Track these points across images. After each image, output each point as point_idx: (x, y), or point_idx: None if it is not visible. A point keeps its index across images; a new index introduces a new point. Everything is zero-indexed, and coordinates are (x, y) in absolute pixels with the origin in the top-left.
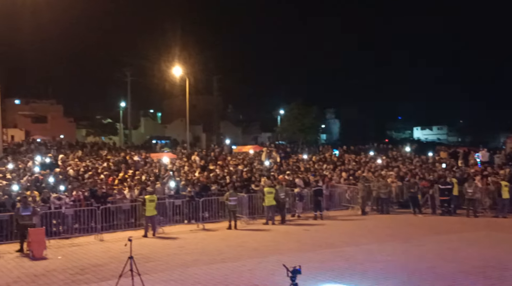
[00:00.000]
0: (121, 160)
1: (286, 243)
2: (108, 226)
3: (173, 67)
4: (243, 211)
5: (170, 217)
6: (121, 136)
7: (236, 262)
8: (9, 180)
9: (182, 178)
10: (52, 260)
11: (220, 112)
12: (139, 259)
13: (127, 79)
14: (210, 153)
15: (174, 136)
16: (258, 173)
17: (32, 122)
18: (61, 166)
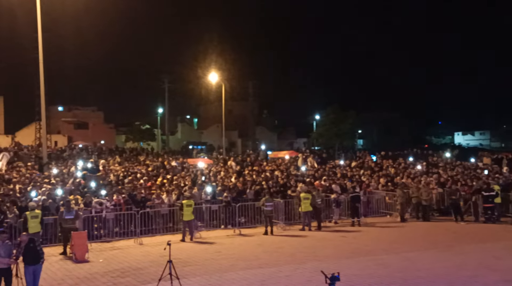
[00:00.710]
0: (159, 165)
1: (323, 250)
2: (147, 230)
3: (209, 73)
4: (279, 217)
5: (207, 222)
6: (158, 142)
7: (272, 268)
8: (53, 185)
9: (218, 183)
10: (94, 263)
11: (255, 118)
12: (177, 263)
13: (165, 86)
14: (246, 158)
15: (210, 142)
16: (294, 179)
17: (74, 129)
18: (102, 171)
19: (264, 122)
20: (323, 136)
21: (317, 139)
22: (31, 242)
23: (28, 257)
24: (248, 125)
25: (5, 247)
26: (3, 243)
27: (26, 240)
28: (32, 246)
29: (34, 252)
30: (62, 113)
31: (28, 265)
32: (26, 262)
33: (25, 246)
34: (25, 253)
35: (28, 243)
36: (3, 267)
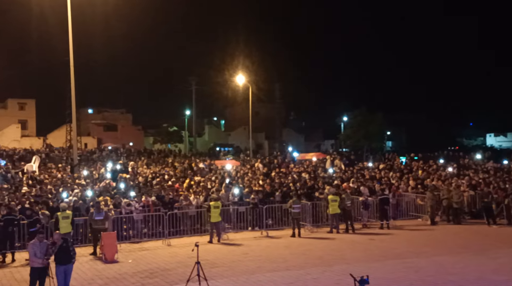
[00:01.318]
0: (187, 167)
1: (352, 252)
2: (175, 231)
3: (236, 75)
4: (307, 219)
5: (234, 224)
6: (186, 144)
7: (300, 270)
8: (84, 186)
9: (245, 185)
10: (123, 263)
11: (282, 120)
12: (205, 264)
13: (192, 88)
14: (273, 160)
15: (237, 144)
16: (322, 181)
17: (104, 131)
18: (131, 173)
19: (291, 124)
20: (351, 138)
21: (345, 141)
22: (64, 242)
23: (60, 256)
24: (275, 127)
25: (42, 247)
26: (40, 243)
27: (60, 238)
28: (65, 246)
29: (66, 252)
30: (92, 116)
31: (59, 264)
32: (58, 262)
33: (59, 246)
34: (57, 253)
35: (61, 243)
36: (39, 266)
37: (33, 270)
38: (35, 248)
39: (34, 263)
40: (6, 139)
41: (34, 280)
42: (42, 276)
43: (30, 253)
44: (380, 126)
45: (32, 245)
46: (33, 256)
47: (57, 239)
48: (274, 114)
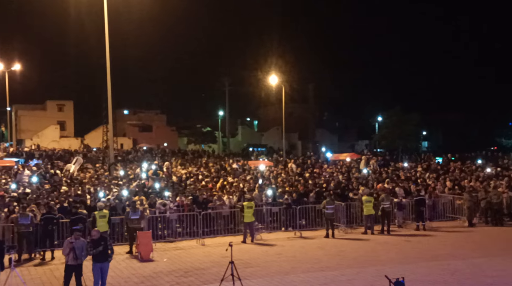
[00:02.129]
0: (220, 167)
1: (387, 254)
2: (209, 231)
3: (269, 75)
4: (341, 220)
5: (267, 224)
6: (219, 144)
7: (334, 271)
8: (120, 186)
9: (278, 185)
10: (158, 262)
11: (316, 120)
12: (239, 264)
13: (226, 89)
14: (307, 160)
15: (270, 144)
16: (356, 181)
17: (139, 131)
18: (166, 173)
19: (325, 124)
20: (386, 138)
21: (380, 141)
22: (102, 240)
23: (97, 254)
24: (309, 127)
25: (79, 244)
26: (76, 240)
27: (98, 235)
28: (103, 244)
29: (103, 250)
30: (128, 117)
31: (96, 262)
32: (95, 259)
33: (96, 244)
34: (95, 250)
35: (99, 241)
36: (75, 263)
37: (67, 267)
38: (72, 246)
39: (70, 260)
40: (45, 139)
41: (68, 277)
42: (77, 273)
43: (65, 250)
44: (415, 126)
45: (67, 242)
46: (67, 253)
47: (94, 235)
48: (308, 114)
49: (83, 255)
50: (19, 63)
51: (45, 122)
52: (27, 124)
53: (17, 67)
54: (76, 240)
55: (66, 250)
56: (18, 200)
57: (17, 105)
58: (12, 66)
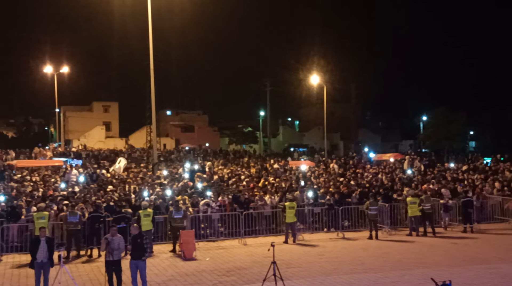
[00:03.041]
0: (262, 167)
1: (432, 256)
2: (251, 231)
3: (311, 75)
4: (385, 221)
5: (309, 225)
6: (261, 145)
7: (378, 273)
8: (163, 185)
9: (320, 185)
10: (201, 261)
11: (358, 120)
12: (281, 264)
13: (267, 89)
14: (349, 161)
15: (311, 144)
16: (400, 182)
17: (181, 132)
18: (208, 173)
19: (368, 124)
20: (431, 138)
21: (424, 141)
22: (138, 237)
23: (133, 251)
24: (351, 127)
25: (116, 241)
26: (113, 237)
27: (136, 232)
28: (140, 241)
29: (140, 247)
30: (170, 117)
31: (132, 259)
32: (131, 256)
33: (133, 241)
34: (132, 247)
35: (136, 238)
36: (113, 259)
37: (106, 263)
38: (108, 242)
39: (108, 256)
40: (92, 140)
41: (109, 273)
42: (117, 269)
43: (102, 247)
44: (462, 126)
45: (103, 239)
46: (106, 249)
47: (133, 232)
48: (350, 114)
49: (120, 251)
50: (67, 66)
51: (91, 123)
52: (75, 125)
53: (65, 70)
54: (113, 236)
55: (103, 247)
56: (67, 198)
57: (65, 106)
58: (61, 69)
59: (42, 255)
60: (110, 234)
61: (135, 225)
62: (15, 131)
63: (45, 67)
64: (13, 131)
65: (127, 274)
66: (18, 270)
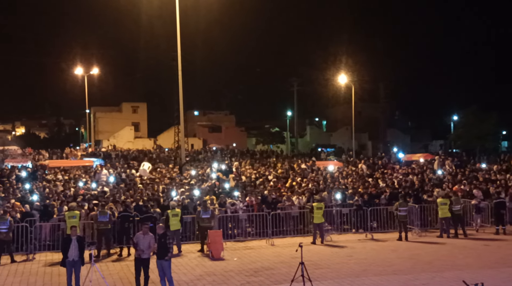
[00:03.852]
0: (289, 168)
1: (464, 258)
2: (278, 231)
3: (338, 75)
4: (414, 222)
5: (337, 225)
6: (288, 145)
7: (408, 275)
8: (191, 185)
9: (348, 186)
10: (229, 261)
11: (387, 120)
12: (309, 265)
13: (294, 89)
14: (378, 161)
15: (339, 145)
16: (430, 183)
17: (209, 132)
18: (235, 173)
19: (396, 124)
20: (462, 138)
21: (455, 141)
22: (162, 237)
23: (157, 250)
24: (379, 127)
25: (146, 240)
26: (144, 235)
27: (161, 231)
28: (163, 241)
29: (163, 247)
30: (198, 118)
31: (157, 258)
32: (156, 256)
33: (158, 240)
34: (157, 247)
35: (160, 238)
36: (143, 257)
37: (136, 260)
38: (139, 239)
39: (137, 254)
40: (121, 140)
41: (137, 270)
42: (145, 266)
43: (133, 245)
44: (494, 126)
45: (137, 236)
46: (135, 247)
47: (158, 230)
48: (378, 114)
49: (149, 250)
50: (97, 68)
51: (120, 124)
52: (104, 126)
53: (95, 72)
54: (144, 235)
55: (133, 244)
56: (97, 198)
57: (95, 107)
58: (91, 70)
59: (73, 253)
60: (141, 232)
61: (161, 225)
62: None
63: (76, 69)
64: (45, 132)
65: (155, 273)
66: (50, 268)
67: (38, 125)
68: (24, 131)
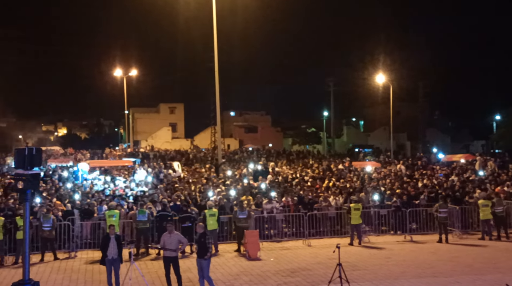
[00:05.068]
0: (326, 168)
1: (507, 261)
2: (315, 232)
3: (375, 74)
4: (455, 224)
5: (375, 227)
6: (324, 145)
7: (448, 278)
8: (228, 185)
9: (387, 187)
10: (265, 261)
11: (426, 119)
12: (346, 266)
13: (330, 89)
14: (417, 161)
15: (377, 145)
16: (472, 184)
17: (245, 132)
18: (271, 173)
19: (436, 123)
20: (505, 138)
21: (498, 141)
22: (202, 236)
23: (198, 250)
24: (418, 127)
25: (173, 238)
26: (170, 235)
27: (201, 231)
28: (203, 240)
29: (203, 246)
30: (234, 118)
31: (197, 257)
32: (197, 255)
33: (198, 240)
34: (197, 246)
35: (200, 237)
36: (171, 255)
37: (164, 259)
38: (165, 239)
39: (165, 252)
40: (159, 141)
41: (167, 268)
42: (174, 265)
43: (160, 244)
44: None
45: (163, 236)
46: (162, 246)
47: (198, 229)
48: (417, 113)
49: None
50: (135, 69)
51: (158, 124)
52: (143, 126)
53: (133, 73)
54: (170, 234)
55: (161, 243)
56: (136, 197)
57: (134, 108)
58: (129, 72)
59: (112, 251)
60: (167, 232)
61: (201, 224)
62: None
63: (115, 70)
64: (85, 133)
65: (194, 272)
66: (91, 265)
67: (79, 126)
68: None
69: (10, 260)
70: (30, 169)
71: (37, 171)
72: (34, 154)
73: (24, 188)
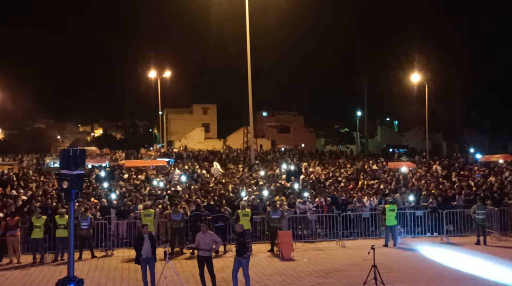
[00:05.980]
0: (360, 168)
1: None
2: (349, 233)
3: (410, 73)
4: (494, 226)
5: (411, 228)
6: (357, 145)
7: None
8: (261, 186)
9: (423, 188)
10: (299, 261)
11: (463, 119)
12: (381, 268)
13: (364, 89)
14: (453, 162)
15: (411, 145)
16: (510, 185)
17: (277, 133)
18: (304, 173)
19: (473, 123)
20: None
21: None
22: (241, 236)
23: (237, 248)
24: (455, 127)
25: (207, 238)
26: (204, 234)
27: (240, 230)
28: (242, 240)
29: (242, 245)
30: (266, 118)
31: (236, 255)
32: (236, 252)
33: (237, 239)
34: (236, 244)
35: (239, 236)
36: (205, 255)
37: (198, 258)
38: (200, 238)
39: (199, 252)
40: (192, 141)
41: (201, 267)
42: (208, 264)
43: (195, 243)
44: None
45: (197, 236)
46: (197, 245)
47: (237, 228)
48: (454, 113)
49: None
50: (169, 70)
51: (191, 125)
52: (176, 127)
53: (167, 74)
54: (204, 234)
55: (195, 243)
56: (170, 197)
57: (168, 109)
58: (163, 73)
59: (146, 251)
60: (201, 231)
61: (240, 223)
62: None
63: (150, 72)
64: (121, 133)
65: (227, 272)
66: (128, 264)
67: (115, 127)
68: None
69: (49, 258)
70: (74, 169)
71: (81, 171)
72: (78, 155)
73: (69, 188)
